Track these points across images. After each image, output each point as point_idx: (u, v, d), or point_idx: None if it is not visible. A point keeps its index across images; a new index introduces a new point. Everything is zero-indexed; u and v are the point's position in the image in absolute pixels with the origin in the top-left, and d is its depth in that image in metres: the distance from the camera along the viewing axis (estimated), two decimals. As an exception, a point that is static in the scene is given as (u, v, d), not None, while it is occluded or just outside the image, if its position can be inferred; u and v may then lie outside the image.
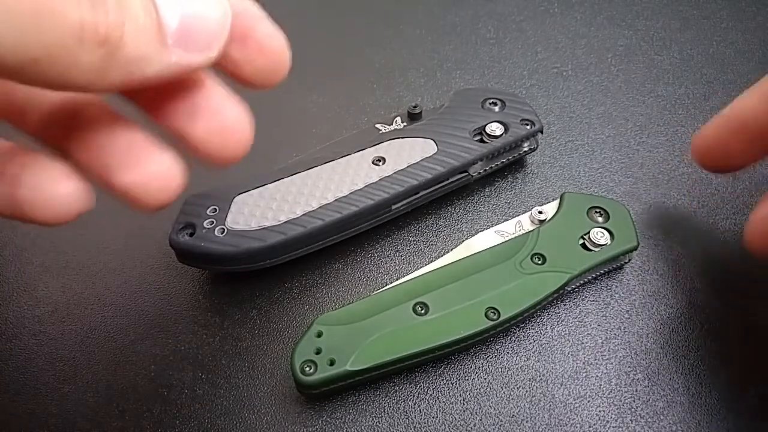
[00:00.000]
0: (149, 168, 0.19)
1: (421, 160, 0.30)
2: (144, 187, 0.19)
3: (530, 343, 0.27)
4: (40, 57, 0.14)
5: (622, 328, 0.28)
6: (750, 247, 0.25)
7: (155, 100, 0.20)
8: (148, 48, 0.16)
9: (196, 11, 0.17)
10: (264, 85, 0.20)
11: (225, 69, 0.20)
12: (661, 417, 0.25)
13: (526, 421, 0.25)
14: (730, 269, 0.29)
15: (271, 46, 0.20)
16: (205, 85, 0.20)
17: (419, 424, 0.25)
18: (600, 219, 0.29)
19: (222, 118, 0.20)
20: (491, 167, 0.32)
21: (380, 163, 0.30)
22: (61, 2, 0.14)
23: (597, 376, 0.26)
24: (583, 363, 0.27)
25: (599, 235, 0.28)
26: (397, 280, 0.28)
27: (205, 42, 0.18)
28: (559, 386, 0.26)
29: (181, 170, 0.19)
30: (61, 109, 0.20)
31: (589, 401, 0.26)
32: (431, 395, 0.26)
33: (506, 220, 0.30)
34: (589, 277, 0.29)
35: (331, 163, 0.30)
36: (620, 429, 0.25)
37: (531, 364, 0.27)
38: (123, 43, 0.15)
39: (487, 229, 0.30)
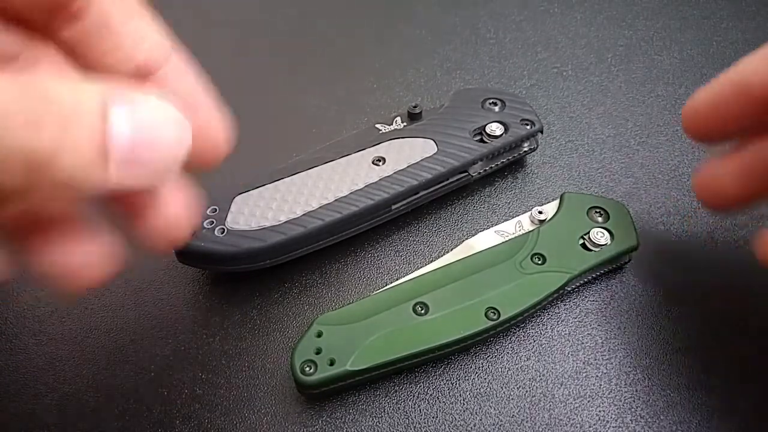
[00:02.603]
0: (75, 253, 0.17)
1: (421, 160, 0.30)
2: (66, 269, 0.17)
3: (530, 343, 0.27)
4: None
5: (622, 328, 0.28)
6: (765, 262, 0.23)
7: None
8: (83, 171, 0.14)
9: (150, 131, 0.15)
10: (200, 168, 0.19)
11: None
12: (661, 417, 0.25)
13: (526, 421, 0.25)
14: (730, 269, 0.29)
15: (214, 131, 0.19)
16: None
17: (419, 424, 0.25)
18: (600, 219, 0.29)
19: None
20: (491, 167, 0.32)
21: (380, 163, 0.30)
22: None
23: (597, 376, 0.26)
24: (583, 363, 0.27)
25: (599, 235, 0.28)
26: (397, 280, 0.28)
27: (152, 170, 0.15)
28: (559, 386, 0.26)
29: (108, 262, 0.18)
30: None
31: (589, 401, 0.26)
32: (431, 395, 0.26)
33: (506, 220, 0.30)
34: (589, 277, 0.29)
35: (331, 163, 0.30)
36: (620, 429, 0.25)
37: (531, 364, 0.27)
38: (52, 166, 0.13)
39: (487, 229, 0.30)
